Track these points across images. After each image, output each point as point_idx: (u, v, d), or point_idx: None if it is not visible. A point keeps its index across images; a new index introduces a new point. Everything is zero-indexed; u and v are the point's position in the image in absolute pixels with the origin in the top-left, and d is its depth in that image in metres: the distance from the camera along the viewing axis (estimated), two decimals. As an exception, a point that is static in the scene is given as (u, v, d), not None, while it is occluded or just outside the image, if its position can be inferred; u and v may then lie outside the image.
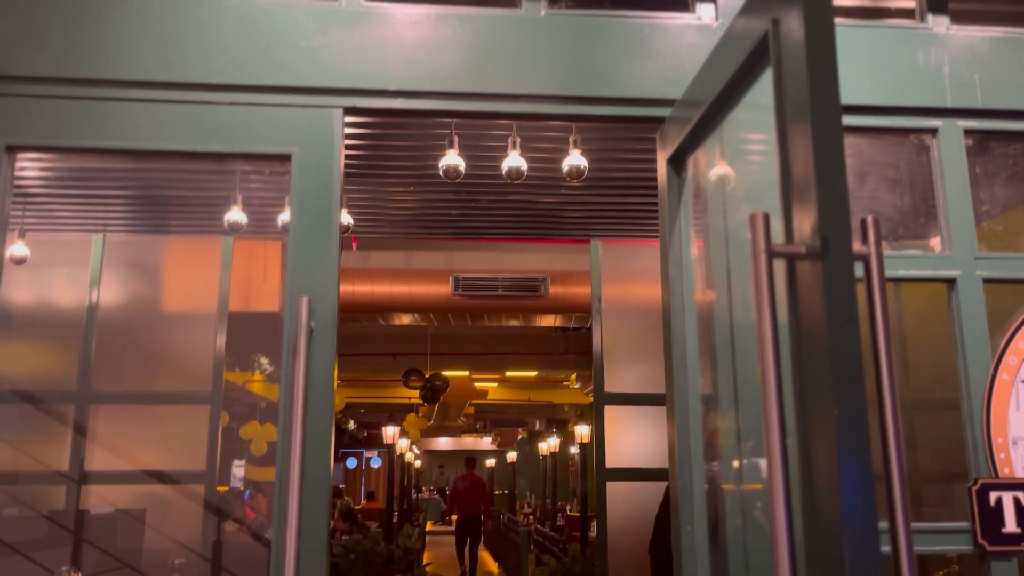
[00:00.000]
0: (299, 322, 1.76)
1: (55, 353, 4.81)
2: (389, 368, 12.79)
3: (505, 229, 5.37)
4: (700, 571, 1.81)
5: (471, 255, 7.13)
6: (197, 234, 4.83)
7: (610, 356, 5.18)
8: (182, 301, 5.14)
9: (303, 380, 1.73)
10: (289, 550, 1.65)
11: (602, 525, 4.80)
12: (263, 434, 12.29)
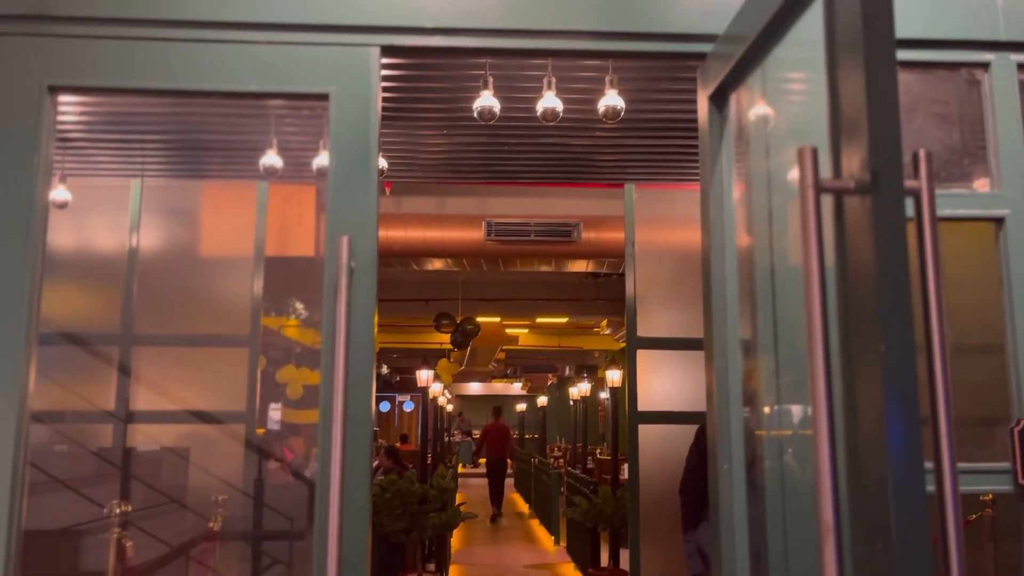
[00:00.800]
0: (340, 262, 1.77)
1: (98, 296, 4.92)
2: (421, 313, 12.91)
3: (537, 173, 5.33)
4: (737, 508, 1.82)
5: (503, 200, 7.10)
6: (233, 179, 4.86)
7: (643, 301, 5.17)
8: (219, 246, 5.20)
9: (345, 318, 1.76)
10: (333, 485, 1.68)
11: (634, 467, 4.86)
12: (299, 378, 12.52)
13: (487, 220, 6.62)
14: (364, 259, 1.87)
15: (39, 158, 1.84)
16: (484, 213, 6.74)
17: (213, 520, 4.15)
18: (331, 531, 1.66)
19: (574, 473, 10.86)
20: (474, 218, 6.68)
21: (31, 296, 1.80)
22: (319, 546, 1.73)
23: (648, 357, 5.12)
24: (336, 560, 1.66)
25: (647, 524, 4.82)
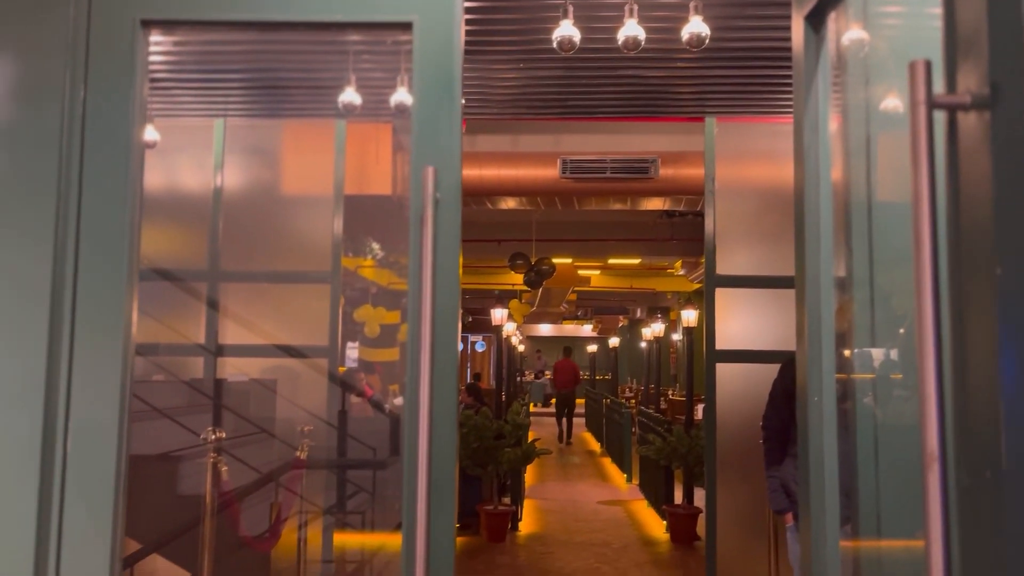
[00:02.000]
0: (425, 192, 1.77)
1: (186, 234, 5.08)
2: (493, 254, 12.95)
3: (614, 107, 5.23)
4: (828, 443, 1.79)
5: (578, 138, 7.00)
6: (312, 117, 4.92)
7: (722, 238, 5.07)
8: (300, 184, 5.29)
9: (431, 249, 1.76)
10: (422, 414, 1.71)
11: (711, 406, 4.83)
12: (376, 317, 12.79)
13: (562, 157, 6.54)
14: (448, 190, 1.87)
15: (134, 96, 1.87)
16: (559, 150, 6.66)
17: (300, 449, 4.31)
18: (421, 458, 1.70)
19: (647, 412, 10.88)
20: (549, 156, 6.61)
21: (131, 235, 1.85)
22: (409, 471, 1.78)
23: (726, 296, 5.04)
24: (426, 484, 1.70)
25: (723, 462, 4.82)
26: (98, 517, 1.76)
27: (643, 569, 6.41)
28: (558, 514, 8.73)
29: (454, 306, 1.87)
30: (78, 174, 1.83)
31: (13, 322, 1.76)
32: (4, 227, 1.78)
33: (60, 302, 1.79)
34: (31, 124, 1.81)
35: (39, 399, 1.74)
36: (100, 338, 1.80)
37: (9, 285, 1.77)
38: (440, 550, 1.76)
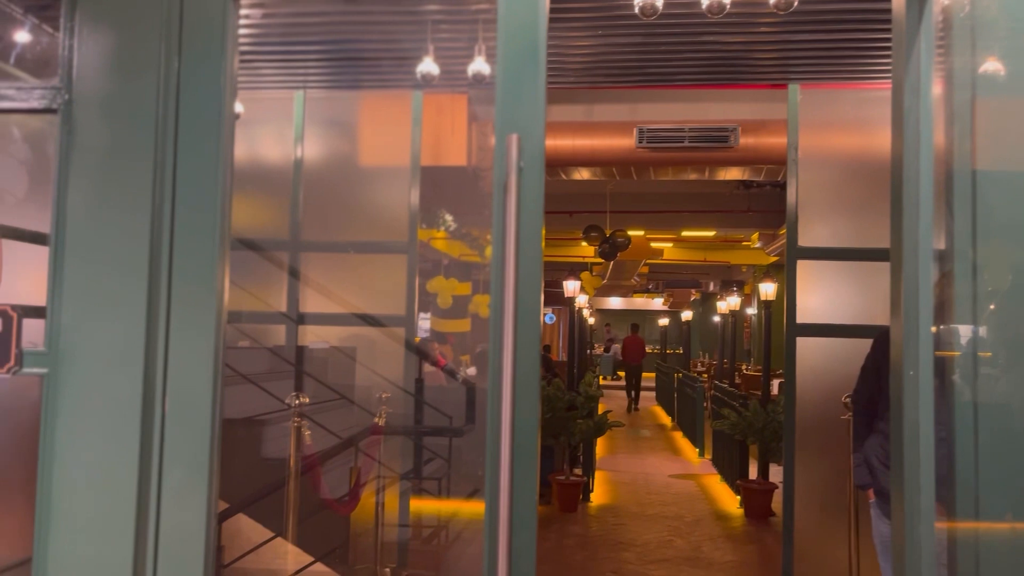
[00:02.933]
0: (509, 160, 1.76)
1: (268, 204, 5.20)
2: (564, 226, 12.90)
3: (693, 75, 5.10)
4: (923, 417, 1.73)
5: (654, 107, 6.87)
6: (389, 88, 4.95)
7: (805, 209, 4.91)
8: (377, 156, 5.34)
9: (514, 217, 1.76)
10: (506, 383, 1.72)
11: (790, 380, 4.73)
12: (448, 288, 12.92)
13: (639, 127, 6.43)
14: (532, 158, 1.85)
15: (226, 68, 1.91)
16: (635, 120, 6.54)
17: (378, 416, 4.40)
18: (504, 427, 1.71)
19: (721, 386, 10.74)
20: (625, 125, 6.50)
21: (223, 205, 1.89)
22: (492, 440, 1.79)
23: (807, 268, 4.89)
24: (509, 453, 1.71)
25: (803, 438, 4.71)
26: (194, 475, 1.82)
27: (717, 543, 6.36)
28: (629, 486, 8.72)
29: (537, 274, 1.87)
30: (173, 145, 1.88)
31: (114, 289, 1.82)
32: (105, 197, 1.84)
33: (157, 270, 1.85)
34: (129, 96, 1.86)
35: (139, 363, 1.81)
36: (194, 305, 1.86)
37: (110, 254, 1.83)
38: (523, 518, 1.77)
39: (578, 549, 6.09)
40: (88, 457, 1.79)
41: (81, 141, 1.84)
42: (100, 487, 1.78)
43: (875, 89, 4.84)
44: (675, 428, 14.80)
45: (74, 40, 1.85)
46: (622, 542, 6.30)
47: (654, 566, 5.65)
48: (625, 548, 6.11)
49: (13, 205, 2.85)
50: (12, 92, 1.91)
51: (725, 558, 5.96)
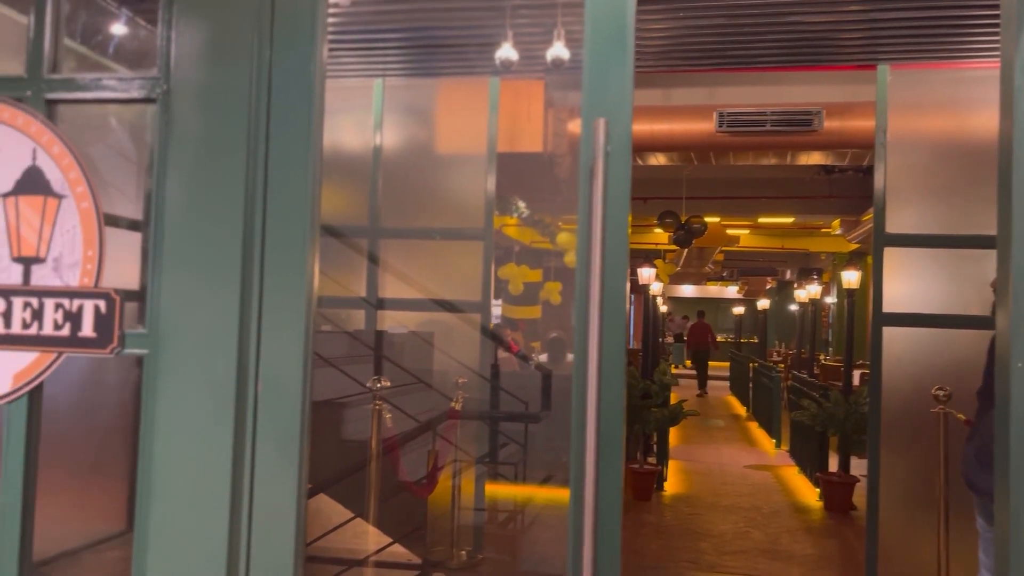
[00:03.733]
0: (596, 144, 1.74)
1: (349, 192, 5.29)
2: (639, 212, 12.77)
3: (776, 56, 4.97)
4: (1031, 411, 1.65)
5: (733, 90, 6.72)
6: (466, 75, 4.96)
7: (893, 195, 4.74)
8: (454, 142, 5.38)
9: (601, 202, 1.74)
10: (591, 370, 1.71)
11: (876, 371, 4.58)
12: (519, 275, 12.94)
13: (718, 110, 6.30)
14: (619, 143, 1.83)
15: (316, 56, 1.93)
16: (713, 103, 6.41)
17: (455, 400, 4.44)
18: (590, 414, 1.70)
19: (800, 376, 10.49)
20: (703, 109, 6.38)
21: (313, 191, 1.92)
22: (577, 426, 1.78)
23: (894, 256, 4.73)
24: (594, 440, 1.70)
25: (889, 431, 4.57)
26: (286, 454, 1.87)
27: (795, 536, 6.24)
28: (704, 476, 8.62)
29: (623, 261, 1.85)
30: (265, 133, 1.92)
31: (210, 274, 1.88)
32: (201, 185, 1.89)
33: (250, 256, 1.89)
34: (223, 85, 1.90)
35: (233, 345, 1.86)
36: (285, 290, 1.90)
37: (206, 239, 1.88)
38: (608, 506, 1.76)
39: (653, 538, 6.05)
40: (186, 434, 1.85)
41: (178, 130, 1.90)
42: (197, 463, 1.84)
43: (971, 68, 4.63)
44: (750, 418, 14.54)
45: (171, 31, 1.90)
46: (698, 532, 6.24)
47: (731, 557, 5.57)
48: (701, 538, 6.05)
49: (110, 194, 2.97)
50: (113, 83, 1.98)
51: (804, 551, 5.84)
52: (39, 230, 1.87)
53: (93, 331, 1.84)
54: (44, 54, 1.91)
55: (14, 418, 1.84)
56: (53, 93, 1.90)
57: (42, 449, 1.91)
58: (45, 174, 1.87)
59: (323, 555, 3.76)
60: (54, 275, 1.85)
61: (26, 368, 1.84)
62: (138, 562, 1.82)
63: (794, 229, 17.01)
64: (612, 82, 1.83)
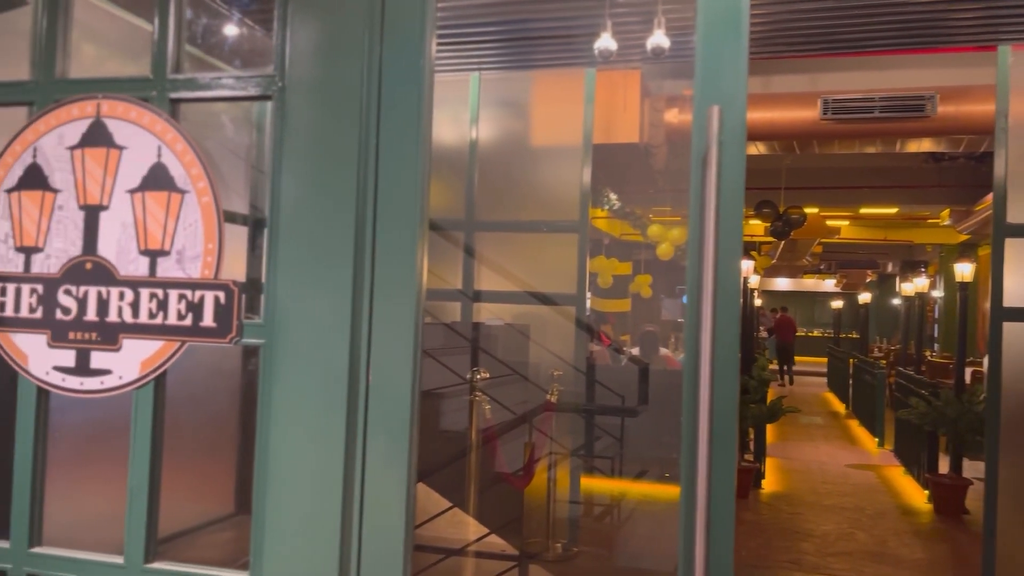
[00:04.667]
0: (710, 133, 1.70)
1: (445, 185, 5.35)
2: (733, 203, 12.43)
3: (885, 40, 4.76)
4: None
5: (837, 76, 6.46)
6: (562, 67, 4.94)
7: (1014, 182, 4.47)
8: (549, 135, 5.37)
9: (715, 191, 1.70)
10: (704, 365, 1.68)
11: (995, 368, 4.33)
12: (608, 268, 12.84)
13: (823, 97, 6.08)
14: (733, 131, 1.78)
15: (425, 51, 1.95)
16: (817, 90, 6.19)
17: (550, 393, 4.44)
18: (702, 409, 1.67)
19: (905, 373, 10.06)
20: (807, 96, 6.16)
21: (422, 187, 1.94)
22: (689, 421, 1.75)
23: (1015, 248, 4.45)
24: (707, 435, 1.67)
25: (1008, 432, 4.32)
26: (396, 442, 1.90)
27: (902, 538, 5.99)
28: (803, 474, 8.37)
29: (737, 252, 1.80)
30: (376, 129, 1.95)
31: (323, 266, 1.92)
32: (315, 179, 1.93)
33: (362, 248, 1.92)
34: (336, 82, 1.94)
35: (346, 336, 1.90)
36: (395, 283, 1.92)
37: (320, 233, 1.92)
38: (720, 503, 1.72)
39: (752, 536, 5.91)
40: (300, 422, 1.90)
41: (293, 126, 1.94)
42: (311, 450, 1.89)
43: (1104, 46, 4.32)
44: (850, 416, 14.05)
45: (287, 29, 1.95)
46: (798, 532, 6.06)
47: (835, 559, 5.39)
48: (802, 538, 5.88)
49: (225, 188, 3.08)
50: (231, 81, 2.05)
51: (914, 555, 5.60)
52: (164, 224, 1.94)
53: (213, 321, 1.91)
54: (168, 56, 1.98)
55: (141, 404, 1.92)
56: (176, 92, 1.97)
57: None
58: (169, 170, 1.94)
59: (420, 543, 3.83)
60: (177, 267, 1.92)
61: (152, 356, 1.92)
62: (255, 545, 1.88)
63: (898, 220, 16.35)
64: (726, 68, 1.79)
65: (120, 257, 1.93)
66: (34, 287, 1.96)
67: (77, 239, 1.96)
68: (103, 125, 1.98)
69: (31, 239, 1.98)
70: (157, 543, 1.97)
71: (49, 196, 1.98)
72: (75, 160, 1.98)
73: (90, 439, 3.07)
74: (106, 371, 1.93)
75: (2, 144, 2.03)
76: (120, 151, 1.96)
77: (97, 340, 1.93)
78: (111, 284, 1.93)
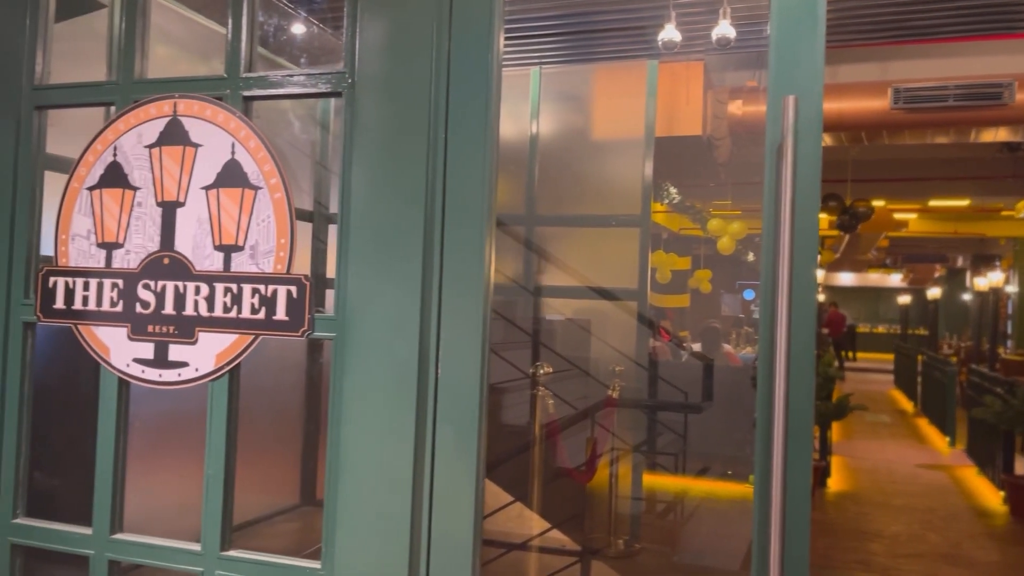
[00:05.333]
0: (785, 123, 1.66)
1: (506, 180, 5.35)
2: (798, 197, 12.18)
3: (960, 26, 4.61)
4: None
5: (907, 64, 6.26)
6: (623, 59, 4.90)
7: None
8: (610, 128, 5.33)
9: (791, 183, 1.66)
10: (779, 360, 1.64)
11: (1079, 367, 4.16)
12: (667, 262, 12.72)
13: (894, 86, 5.90)
14: (809, 121, 1.74)
15: (493, 47, 1.94)
16: (886, 79, 6.01)
17: (611, 388, 4.41)
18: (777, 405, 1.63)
19: (979, 371, 9.72)
20: (875, 85, 5.99)
21: (490, 182, 1.93)
22: (763, 417, 1.72)
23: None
24: (783, 432, 1.63)
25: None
26: (464, 435, 1.91)
27: (977, 541, 5.79)
28: (870, 473, 8.16)
29: (813, 246, 1.76)
30: (444, 124, 1.95)
31: (393, 261, 1.93)
32: (385, 175, 1.95)
33: (431, 243, 1.93)
34: (405, 78, 1.95)
35: (415, 330, 1.91)
36: (464, 278, 1.93)
37: (389, 228, 1.93)
38: (796, 501, 1.68)
39: (818, 536, 5.79)
40: (371, 414, 1.92)
41: (362, 122, 1.96)
42: (382, 441, 1.91)
43: None
44: (918, 414, 13.65)
45: (356, 26, 1.96)
46: (867, 532, 5.91)
47: (906, 561, 5.25)
48: (871, 539, 5.73)
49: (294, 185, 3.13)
50: (302, 79, 2.07)
51: (989, 558, 5.41)
52: (237, 220, 1.98)
53: (286, 315, 1.94)
54: (241, 54, 2.02)
55: (216, 396, 1.96)
56: (249, 90, 2.01)
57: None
58: (243, 167, 1.98)
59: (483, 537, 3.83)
60: (251, 262, 1.96)
61: (226, 349, 1.96)
62: (327, 534, 1.90)
63: (969, 212, 15.82)
64: (802, 57, 1.74)
65: (196, 252, 1.98)
66: (115, 282, 2.02)
67: (155, 235, 2.01)
68: (179, 123, 2.02)
69: (112, 235, 2.04)
70: (232, 530, 2.02)
71: (129, 193, 2.04)
72: (153, 158, 2.03)
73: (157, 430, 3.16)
74: (183, 363, 1.98)
75: (84, 143, 2.10)
76: (195, 149, 2.00)
77: (175, 333, 1.97)
78: (187, 279, 1.97)
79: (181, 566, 1.96)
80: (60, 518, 2.12)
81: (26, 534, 2.11)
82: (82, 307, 2.04)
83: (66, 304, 2.06)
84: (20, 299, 2.13)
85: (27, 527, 2.11)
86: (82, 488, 2.48)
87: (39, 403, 2.21)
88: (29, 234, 2.15)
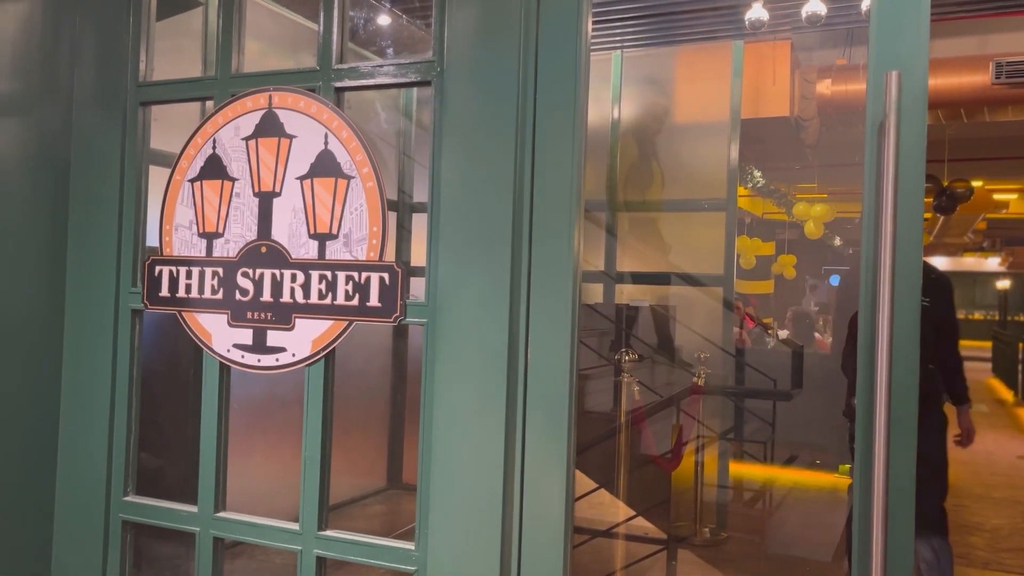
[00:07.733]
0: (887, 99, 1.60)
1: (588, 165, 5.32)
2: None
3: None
4: None
5: (1008, 37, 5.94)
6: (707, 40, 4.79)
7: None
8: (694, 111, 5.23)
9: (893, 161, 1.59)
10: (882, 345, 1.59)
11: None
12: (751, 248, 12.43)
13: (995, 60, 5.61)
14: (914, 97, 1.67)
15: (581, 28, 1.92)
16: (986, 53, 5.72)
17: (697, 375, 4.35)
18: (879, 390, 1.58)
19: (1087, 359, 9.20)
20: (975, 59, 5.70)
21: (578, 168, 1.92)
22: (864, 403, 1.67)
23: None
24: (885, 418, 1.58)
25: None
26: (554, 420, 1.91)
27: (1086, 538, 5.51)
28: (968, 465, 7.82)
29: (918, 227, 1.69)
30: (532, 109, 1.94)
31: (482, 247, 1.93)
32: (474, 162, 1.95)
33: (520, 229, 1.93)
34: (493, 63, 1.95)
35: (504, 315, 1.92)
36: (552, 264, 1.92)
37: (479, 214, 1.94)
38: (901, 492, 1.62)
39: (911, 529, 5.58)
40: (462, 398, 1.94)
41: (452, 111, 1.97)
42: (473, 425, 1.92)
43: None
44: (1018, 403, 13.03)
45: (445, 14, 1.97)
46: (966, 525, 5.68)
47: (1009, 555, 5.02)
48: (970, 532, 5.50)
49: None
50: (392, 69, 2.10)
51: (1100, 556, 5.13)
52: (331, 209, 2.02)
53: (379, 301, 1.97)
54: (333, 47, 2.06)
55: (313, 380, 2.02)
56: (340, 82, 2.04)
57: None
58: (335, 157, 2.02)
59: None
60: (344, 250, 2.00)
61: (321, 335, 2.01)
62: (420, 516, 1.94)
63: (1076, 191, 14.94)
64: (906, 30, 1.67)
65: (292, 241, 2.03)
66: (215, 270, 2.10)
67: (252, 224, 2.07)
68: (274, 116, 2.08)
69: (212, 225, 2.11)
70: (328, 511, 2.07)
71: (227, 184, 2.11)
72: (250, 150, 2.09)
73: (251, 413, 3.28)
74: (281, 349, 2.04)
75: (183, 139, 2.18)
76: (290, 140, 2.05)
77: (272, 320, 2.04)
78: (284, 267, 2.03)
79: (281, 544, 2.02)
80: (163, 497, 2.22)
81: (136, 511, 2.21)
82: (185, 295, 2.13)
83: (170, 292, 2.15)
84: (128, 287, 2.23)
85: (137, 504, 2.21)
86: (184, 468, 2.59)
87: (145, 387, 2.31)
88: (135, 226, 2.25)
